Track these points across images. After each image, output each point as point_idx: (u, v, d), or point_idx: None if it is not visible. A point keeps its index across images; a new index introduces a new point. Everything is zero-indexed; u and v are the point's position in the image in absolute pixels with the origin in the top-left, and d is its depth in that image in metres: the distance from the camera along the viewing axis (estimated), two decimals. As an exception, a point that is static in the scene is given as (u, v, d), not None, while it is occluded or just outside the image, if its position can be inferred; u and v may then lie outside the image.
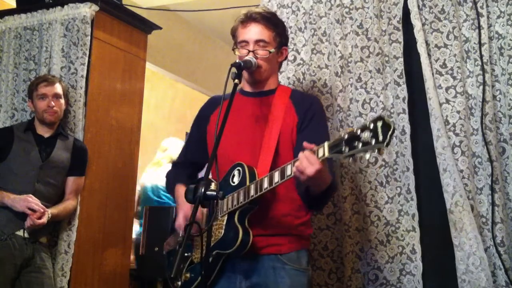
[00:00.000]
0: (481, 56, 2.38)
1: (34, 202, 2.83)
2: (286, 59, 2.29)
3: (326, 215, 2.56)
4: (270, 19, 2.12)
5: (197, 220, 1.73)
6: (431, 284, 2.37)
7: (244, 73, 2.06)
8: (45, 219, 2.83)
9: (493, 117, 2.34)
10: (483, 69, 2.37)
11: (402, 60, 2.49)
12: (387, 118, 1.57)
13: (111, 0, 3.50)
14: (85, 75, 3.30)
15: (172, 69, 5.62)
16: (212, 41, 6.15)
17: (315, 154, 1.73)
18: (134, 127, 3.66)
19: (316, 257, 2.53)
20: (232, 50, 2.16)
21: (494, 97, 2.38)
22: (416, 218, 2.39)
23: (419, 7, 2.49)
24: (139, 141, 3.71)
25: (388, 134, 1.52)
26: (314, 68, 2.68)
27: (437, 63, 2.45)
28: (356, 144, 1.59)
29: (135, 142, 3.66)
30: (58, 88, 3.10)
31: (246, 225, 1.93)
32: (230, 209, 1.95)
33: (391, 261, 2.42)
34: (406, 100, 2.45)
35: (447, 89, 2.42)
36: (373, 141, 1.54)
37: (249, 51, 2.08)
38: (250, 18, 2.10)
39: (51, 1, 3.50)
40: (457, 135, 2.36)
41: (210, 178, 1.78)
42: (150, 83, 4.87)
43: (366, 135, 1.56)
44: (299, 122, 2.08)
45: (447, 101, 2.41)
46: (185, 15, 5.46)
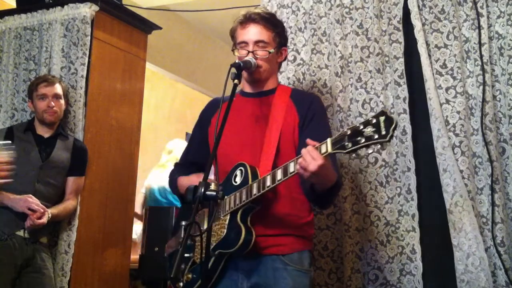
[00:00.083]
0: (481, 56, 2.38)
1: (34, 202, 2.83)
2: (285, 59, 2.29)
3: (326, 215, 2.56)
4: (269, 19, 2.12)
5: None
6: (431, 284, 2.37)
7: (243, 73, 2.06)
8: (45, 219, 2.83)
9: (493, 117, 2.34)
10: (483, 69, 2.37)
11: (402, 60, 2.49)
12: (390, 113, 1.57)
13: (111, 0, 3.50)
14: (85, 75, 3.31)
15: (172, 69, 5.61)
16: (212, 41, 6.15)
17: (318, 150, 1.73)
18: (134, 127, 3.66)
19: (316, 257, 2.53)
20: (232, 51, 2.15)
21: (494, 97, 2.38)
22: (416, 218, 2.39)
23: (419, 7, 2.49)
24: (139, 141, 3.71)
25: (391, 129, 1.52)
26: (314, 68, 2.68)
27: (437, 63, 2.45)
28: (359, 139, 1.59)
29: (135, 142, 3.66)
30: (58, 88, 3.10)
31: (249, 224, 1.92)
32: (232, 208, 1.94)
33: (391, 261, 2.42)
34: (407, 100, 2.45)
35: (447, 89, 2.42)
36: (376, 135, 1.54)
37: (248, 51, 2.07)
38: (249, 19, 2.10)
39: (51, 1, 3.50)
40: (457, 135, 2.36)
41: (210, 179, 1.78)
42: (150, 83, 4.88)
43: (369, 129, 1.56)
44: (301, 121, 2.07)
45: (447, 101, 2.41)
46: (185, 15, 5.45)
